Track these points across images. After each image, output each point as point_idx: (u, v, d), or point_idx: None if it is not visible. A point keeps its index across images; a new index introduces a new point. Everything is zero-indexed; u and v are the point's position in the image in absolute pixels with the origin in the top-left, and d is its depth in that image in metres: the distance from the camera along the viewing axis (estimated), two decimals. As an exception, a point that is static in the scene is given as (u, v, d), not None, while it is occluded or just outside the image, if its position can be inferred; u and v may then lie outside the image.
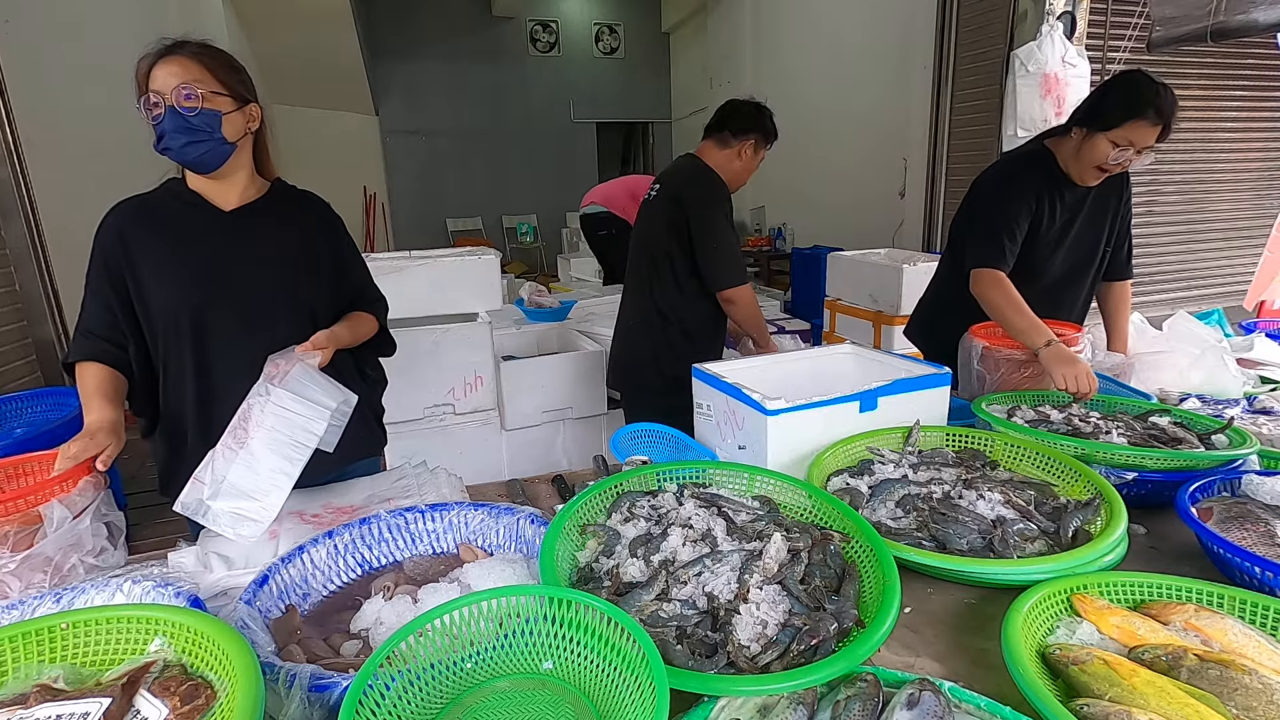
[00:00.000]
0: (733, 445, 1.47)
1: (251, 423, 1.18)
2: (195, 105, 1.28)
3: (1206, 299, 4.56)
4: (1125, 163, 1.79)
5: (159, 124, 1.28)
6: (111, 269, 1.36)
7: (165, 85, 1.27)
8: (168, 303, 1.36)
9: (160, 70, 1.28)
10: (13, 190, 3.06)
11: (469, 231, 10.11)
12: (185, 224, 1.39)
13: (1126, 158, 1.77)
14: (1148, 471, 1.26)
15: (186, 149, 1.30)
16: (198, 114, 1.29)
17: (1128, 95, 1.76)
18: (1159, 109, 1.72)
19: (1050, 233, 1.95)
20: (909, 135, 4.77)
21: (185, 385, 1.40)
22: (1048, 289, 2.02)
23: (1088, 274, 2.07)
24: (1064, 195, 1.94)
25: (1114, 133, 1.76)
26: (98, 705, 0.69)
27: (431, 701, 0.76)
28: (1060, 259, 2.00)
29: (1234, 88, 4.30)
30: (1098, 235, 2.03)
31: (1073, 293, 2.08)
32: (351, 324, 1.50)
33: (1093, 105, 1.84)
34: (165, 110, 1.27)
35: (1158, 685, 0.76)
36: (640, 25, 10.53)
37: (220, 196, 1.41)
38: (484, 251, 3.16)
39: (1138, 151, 1.76)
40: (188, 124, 1.28)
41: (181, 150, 1.30)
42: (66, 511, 1.09)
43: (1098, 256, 2.05)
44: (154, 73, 1.28)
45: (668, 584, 0.93)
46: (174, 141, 1.29)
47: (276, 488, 1.16)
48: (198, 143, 1.30)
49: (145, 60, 1.29)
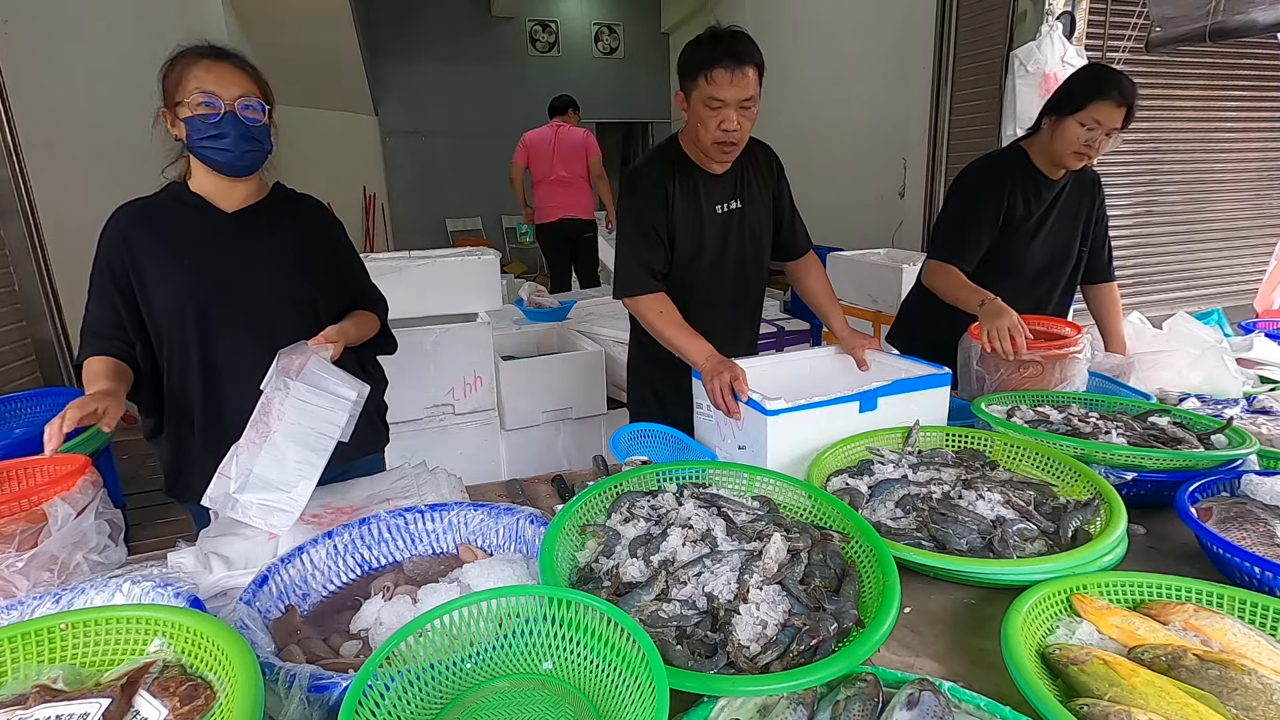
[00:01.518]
0: (732, 445, 1.47)
1: (273, 416, 1.19)
2: (258, 119, 1.35)
3: (1206, 299, 4.56)
4: (1097, 145, 1.86)
5: (215, 124, 1.31)
6: (116, 271, 1.37)
7: (225, 91, 1.31)
8: (172, 303, 1.38)
9: (212, 73, 1.31)
10: (12, 190, 3.06)
11: (468, 231, 10.10)
12: (189, 226, 1.41)
13: (1097, 139, 1.85)
14: (1147, 471, 1.26)
15: (244, 156, 1.35)
16: (259, 126, 1.36)
17: (1091, 80, 1.87)
18: (1122, 90, 1.82)
19: (1028, 224, 2.03)
20: (909, 135, 4.76)
21: (191, 385, 1.42)
22: (1030, 281, 2.09)
23: (1065, 267, 2.13)
24: (1039, 190, 2.03)
25: (1081, 114, 1.85)
26: (97, 706, 0.69)
27: (431, 702, 0.76)
28: (1040, 248, 2.06)
29: (1233, 88, 4.30)
30: (1074, 229, 2.09)
31: (1050, 283, 2.13)
32: (357, 321, 1.52)
33: (1059, 95, 1.94)
34: (225, 114, 1.31)
35: (1157, 685, 0.76)
36: (640, 25, 10.52)
37: (225, 199, 1.43)
38: (484, 251, 3.15)
39: (1106, 134, 1.85)
40: (250, 133, 1.34)
41: (240, 155, 1.35)
42: (70, 509, 1.09)
43: (1074, 252, 2.12)
44: (199, 73, 1.30)
45: (667, 584, 0.93)
46: (236, 147, 1.33)
47: (304, 478, 1.17)
48: (253, 151, 1.36)
49: (184, 57, 1.32)
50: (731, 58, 1.59)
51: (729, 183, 1.84)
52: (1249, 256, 4.75)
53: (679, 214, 1.79)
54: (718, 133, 1.66)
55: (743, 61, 1.60)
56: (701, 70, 1.61)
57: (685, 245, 1.81)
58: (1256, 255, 4.73)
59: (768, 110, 2.08)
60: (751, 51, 1.62)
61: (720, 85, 1.60)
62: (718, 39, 1.62)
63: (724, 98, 1.61)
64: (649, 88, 10.79)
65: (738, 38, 1.62)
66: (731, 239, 1.86)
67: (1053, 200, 2.05)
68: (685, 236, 1.81)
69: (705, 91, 1.62)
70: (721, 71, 1.59)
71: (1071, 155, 1.91)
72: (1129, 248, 4.28)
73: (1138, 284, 4.37)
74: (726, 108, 1.63)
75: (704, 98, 1.63)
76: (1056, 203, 2.05)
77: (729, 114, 1.63)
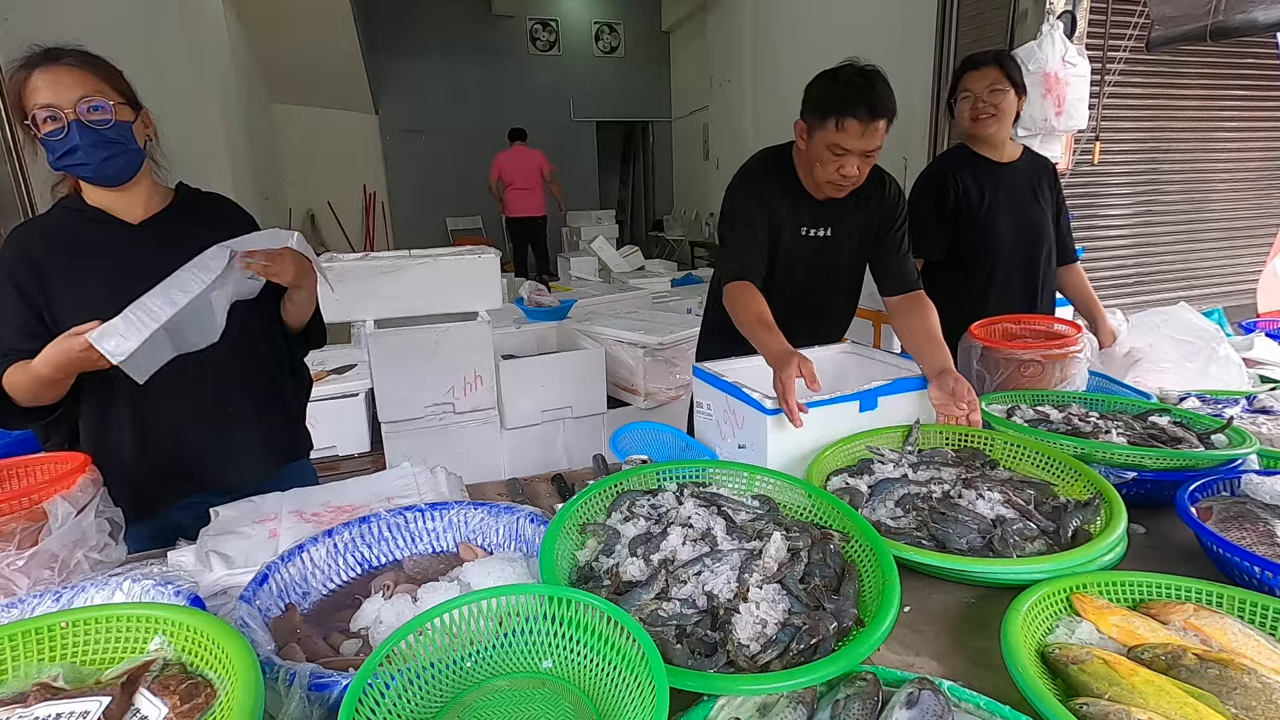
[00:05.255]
0: (732, 444, 1.47)
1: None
2: (107, 118, 1.22)
3: (1206, 298, 4.56)
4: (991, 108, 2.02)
5: (61, 139, 1.20)
6: (25, 293, 1.27)
7: (62, 98, 1.19)
8: (87, 323, 1.27)
9: (45, 81, 1.19)
10: (12, 190, 3.05)
11: (469, 230, 10.10)
12: (94, 243, 1.32)
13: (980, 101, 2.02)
14: (1147, 471, 1.26)
15: (105, 164, 1.24)
16: (111, 126, 1.23)
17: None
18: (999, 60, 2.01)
19: (984, 203, 2.10)
20: (909, 135, 4.76)
21: (116, 409, 1.35)
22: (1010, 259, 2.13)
23: (1042, 244, 2.16)
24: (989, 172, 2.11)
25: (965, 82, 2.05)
26: (97, 704, 0.68)
27: (431, 700, 0.76)
28: (1007, 224, 2.11)
29: (1233, 88, 4.29)
30: (1037, 205, 2.15)
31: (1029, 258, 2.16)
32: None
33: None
34: (70, 125, 1.19)
35: (1157, 684, 0.76)
36: (640, 24, 10.52)
37: (126, 209, 1.35)
38: (484, 250, 3.16)
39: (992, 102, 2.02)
40: (104, 138, 1.22)
41: (100, 166, 1.24)
42: (70, 507, 1.09)
43: (1046, 229, 2.16)
44: (37, 84, 1.19)
45: (667, 583, 0.93)
46: (91, 157, 1.22)
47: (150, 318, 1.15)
48: (114, 156, 1.25)
49: (20, 71, 1.21)
50: (867, 109, 1.50)
51: (825, 209, 1.76)
52: (1249, 256, 4.75)
53: (771, 225, 1.75)
54: (836, 176, 1.60)
55: (876, 115, 1.51)
56: (833, 115, 1.52)
57: (771, 258, 1.78)
58: (1257, 255, 4.72)
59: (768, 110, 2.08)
60: (887, 101, 1.52)
61: (849, 136, 1.52)
62: (855, 85, 1.52)
63: (850, 148, 1.54)
64: (649, 87, 10.79)
65: (876, 85, 1.52)
66: (813, 266, 1.81)
67: (1006, 177, 2.12)
68: (771, 250, 1.77)
69: (832, 138, 1.54)
70: (854, 123, 1.51)
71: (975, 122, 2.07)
72: (1129, 247, 4.28)
73: (1138, 283, 4.37)
74: (850, 156, 1.56)
75: (829, 143, 1.56)
76: (1011, 179, 2.12)
77: (851, 161, 1.57)
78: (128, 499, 1.23)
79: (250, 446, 1.49)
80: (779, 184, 1.75)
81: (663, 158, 11.24)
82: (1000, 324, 1.93)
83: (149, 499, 1.40)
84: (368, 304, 2.91)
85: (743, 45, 7.75)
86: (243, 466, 1.48)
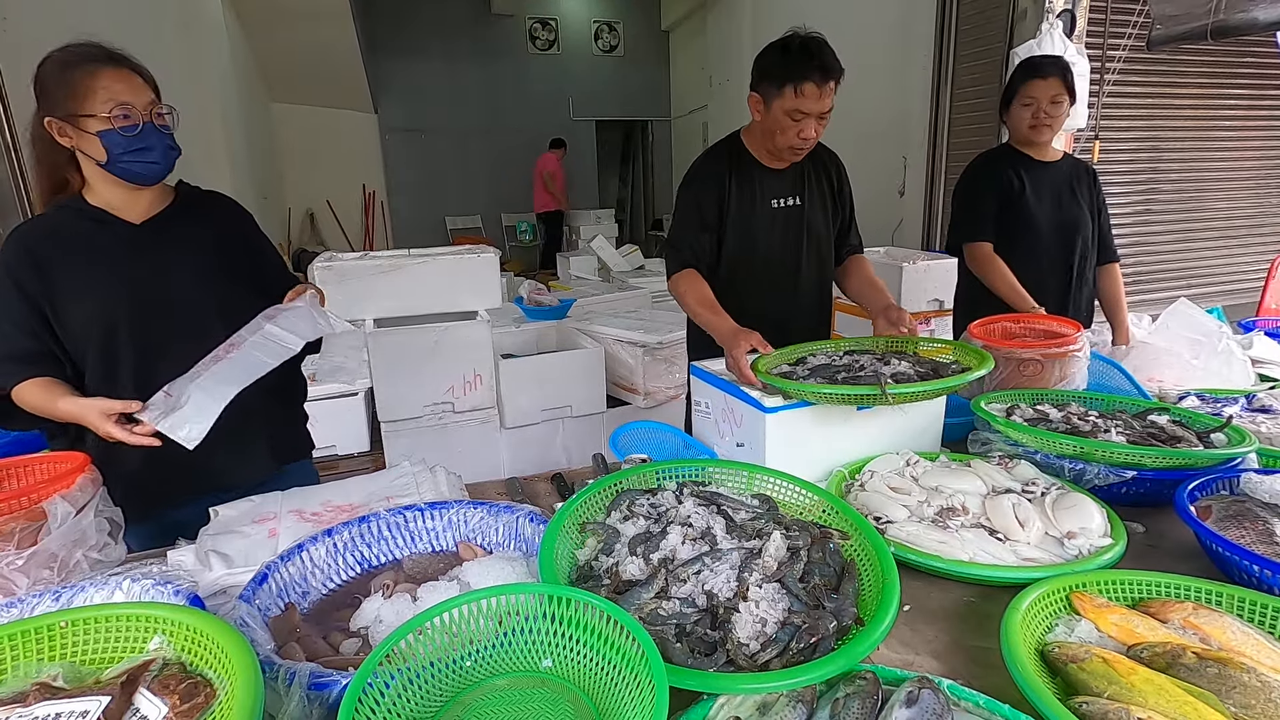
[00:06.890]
0: (731, 443, 1.47)
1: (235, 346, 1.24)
2: (171, 126, 1.30)
3: (1206, 297, 4.56)
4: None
5: (136, 135, 1.25)
6: (28, 294, 1.28)
7: (137, 98, 1.25)
8: (92, 322, 1.31)
9: (119, 79, 1.25)
10: (12, 190, 3.05)
11: (468, 230, 10.10)
12: (98, 242, 1.34)
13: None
14: (1147, 470, 1.26)
15: (162, 166, 1.31)
16: (170, 134, 1.31)
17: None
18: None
19: (1027, 193, 2.20)
20: (909, 134, 4.76)
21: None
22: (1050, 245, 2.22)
23: (1079, 232, 2.24)
24: (1030, 167, 2.21)
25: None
26: (97, 703, 0.68)
27: (431, 699, 0.76)
28: (1047, 212, 2.21)
29: (1233, 87, 4.30)
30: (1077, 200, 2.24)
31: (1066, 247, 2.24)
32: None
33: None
34: (143, 125, 1.26)
35: (1156, 683, 0.76)
36: (639, 23, 10.52)
37: (130, 208, 1.36)
38: (483, 250, 3.15)
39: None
40: (167, 142, 1.30)
41: (151, 166, 1.29)
42: (69, 507, 1.09)
43: (1085, 220, 2.24)
44: (109, 82, 1.24)
45: (667, 582, 0.93)
46: (162, 158, 1.29)
47: (223, 398, 1.19)
48: (170, 160, 1.31)
49: (79, 67, 1.25)
50: (821, 72, 1.61)
51: (788, 180, 1.87)
52: (1248, 254, 4.76)
53: (735, 208, 1.82)
54: (796, 140, 1.70)
55: (830, 75, 1.62)
56: (790, 82, 1.62)
57: (741, 239, 1.85)
58: (1256, 254, 4.73)
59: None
60: (836, 63, 1.64)
61: (809, 99, 1.63)
62: (808, 51, 1.63)
63: (810, 110, 1.64)
64: (649, 86, 10.78)
65: (825, 50, 1.64)
66: (790, 234, 1.89)
67: (1048, 175, 2.21)
68: (741, 230, 1.84)
69: (791, 104, 1.64)
70: (811, 86, 1.61)
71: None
72: (1128, 245, 4.28)
73: (1137, 281, 4.37)
74: (809, 119, 1.66)
75: (788, 109, 1.65)
76: (1052, 176, 2.22)
77: (810, 124, 1.67)
78: (129, 499, 1.23)
79: (252, 447, 1.50)
80: (734, 167, 1.84)
81: (662, 157, 11.23)
82: (1000, 323, 1.93)
83: (150, 499, 1.40)
84: (367, 303, 2.91)
85: (742, 44, 7.74)
86: (245, 467, 1.48)
